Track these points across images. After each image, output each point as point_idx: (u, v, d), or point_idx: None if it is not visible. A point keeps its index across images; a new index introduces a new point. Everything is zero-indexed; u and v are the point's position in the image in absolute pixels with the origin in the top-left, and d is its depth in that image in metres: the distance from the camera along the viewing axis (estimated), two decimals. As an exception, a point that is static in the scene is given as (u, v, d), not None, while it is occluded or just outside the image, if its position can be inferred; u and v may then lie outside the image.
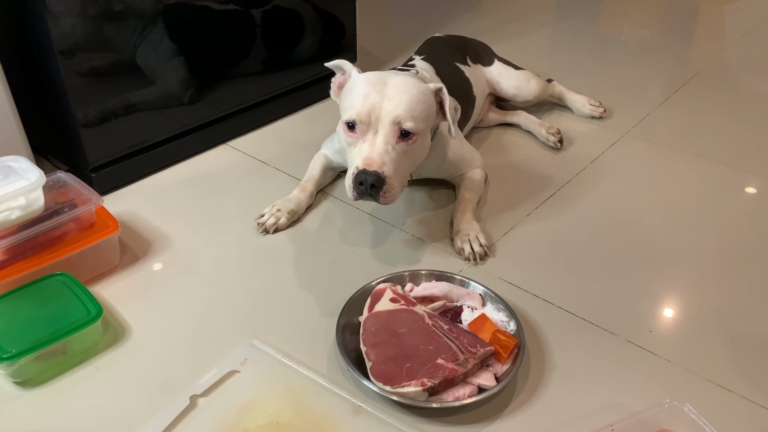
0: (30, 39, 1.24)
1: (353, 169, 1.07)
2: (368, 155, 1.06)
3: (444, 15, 2.41)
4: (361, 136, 1.08)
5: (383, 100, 1.07)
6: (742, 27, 2.37)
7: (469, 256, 1.18)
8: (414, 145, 1.09)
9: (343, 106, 1.12)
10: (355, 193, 1.07)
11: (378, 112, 1.07)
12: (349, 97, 1.11)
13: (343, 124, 1.10)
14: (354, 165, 1.07)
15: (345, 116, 1.09)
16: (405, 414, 0.90)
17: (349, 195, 1.08)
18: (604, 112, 1.68)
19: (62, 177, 1.18)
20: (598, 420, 0.88)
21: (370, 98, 1.07)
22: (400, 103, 1.07)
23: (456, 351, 0.92)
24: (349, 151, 1.11)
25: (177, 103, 1.45)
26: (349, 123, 1.08)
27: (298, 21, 1.65)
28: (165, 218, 1.29)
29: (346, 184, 1.09)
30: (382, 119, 1.07)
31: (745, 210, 1.36)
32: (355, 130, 1.08)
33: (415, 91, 1.09)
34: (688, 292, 1.14)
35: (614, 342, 1.03)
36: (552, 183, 1.42)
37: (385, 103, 1.07)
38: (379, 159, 1.05)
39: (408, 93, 1.08)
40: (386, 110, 1.07)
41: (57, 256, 1.06)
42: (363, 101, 1.07)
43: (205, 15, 1.44)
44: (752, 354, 1.01)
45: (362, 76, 1.12)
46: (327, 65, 1.20)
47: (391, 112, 1.06)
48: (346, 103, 1.11)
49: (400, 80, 1.10)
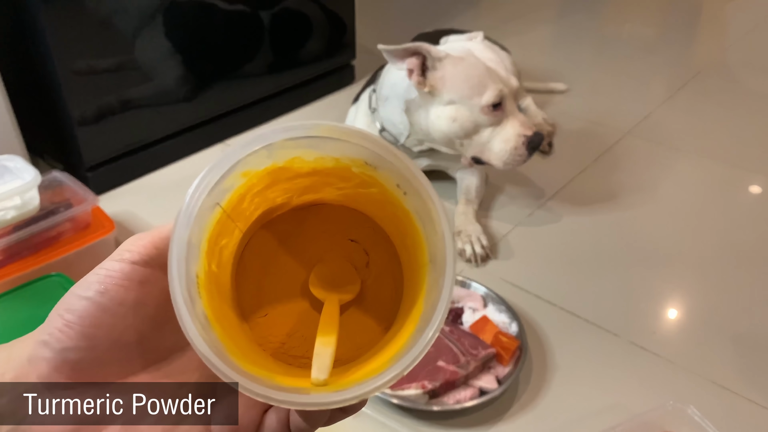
0: (25, 37, 1.23)
1: (519, 138, 1.11)
2: (523, 122, 1.13)
3: (444, 13, 2.40)
4: (505, 108, 1.11)
5: (496, 71, 1.11)
6: (745, 25, 2.35)
7: (470, 258, 1.16)
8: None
9: (462, 93, 1.10)
10: (528, 158, 1.13)
11: (506, 81, 1.11)
12: (468, 81, 1.10)
13: (485, 107, 1.10)
14: (515, 135, 1.11)
15: (489, 98, 1.09)
16: (405, 417, 0.89)
17: (517, 163, 1.13)
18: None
19: (58, 176, 1.17)
20: (601, 422, 0.87)
21: (493, 74, 1.10)
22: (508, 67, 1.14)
23: (457, 353, 0.90)
24: (488, 130, 1.12)
25: (174, 102, 1.44)
26: (496, 103, 1.10)
27: (297, 19, 1.64)
28: (162, 218, 1.28)
29: (510, 156, 1.12)
30: (510, 88, 1.12)
31: (748, 210, 1.35)
32: (500, 107, 1.11)
33: (491, 51, 1.15)
34: (692, 293, 1.13)
35: (617, 343, 1.02)
36: (553, 183, 1.41)
37: (499, 73, 1.11)
38: (527, 120, 1.16)
39: (496, 55, 1.14)
40: (505, 78, 1.11)
41: (52, 257, 1.05)
42: (493, 80, 1.10)
43: (205, 12, 1.43)
44: (756, 355, 1.00)
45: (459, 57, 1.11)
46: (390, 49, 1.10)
47: (511, 79, 1.12)
48: (474, 85, 1.09)
49: (477, 49, 1.13)
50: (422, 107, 1.14)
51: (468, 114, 1.11)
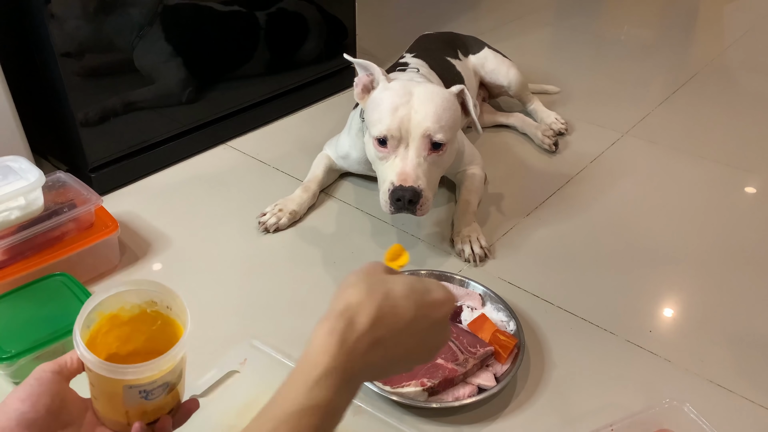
0: (30, 39, 1.24)
1: (388, 185, 1.07)
2: (402, 170, 1.06)
3: (443, 14, 2.41)
4: (393, 150, 1.08)
5: (411, 112, 1.06)
6: (742, 26, 2.37)
7: (469, 258, 1.18)
8: (444, 154, 1.10)
9: (371, 120, 1.10)
10: (392, 209, 1.07)
11: (407, 125, 1.06)
12: (377, 110, 1.09)
13: (373, 139, 1.09)
14: (388, 180, 1.07)
15: (375, 132, 1.08)
16: (405, 414, 0.90)
17: (385, 210, 1.08)
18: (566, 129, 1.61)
19: (61, 177, 1.18)
20: (598, 420, 0.88)
21: (398, 112, 1.06)
22: (428, 114, 1.06)
23: (456, 351, 0.92)
24: (380, 164, 1.10)
25: (176, 103, 1.45)
26: (380, 139, 1.07)
27: (298, 21, 1.65)
28: (164, 218, 1.29)
29: (381, 200, 1.08)
30: (413, 132, 1.06)
31: (745, 210, 1.36)
32: (386, 145, 1.08)
33: (440, 99, 1.08)
34: (688, 292, 1.14)
35: (614, 342, 1.03)
36: (551, 183, 1.42)
37: (414, 115, 1.06)
38: (413, 173, 1.05)
39: (434, 102, 1.07)
40: (415, 122, 1.06)
41: (56, 257, 1.06)
42: (392, 116, 1.06)
43: (205, 15, 1.44)
44: (752, 354, 1.01)
45: (388, 89, 1.10)
46: (351, 60, 1.16)
47: (420, 125, 1.06)
48: (373, 117, 1.09)
49: (423, 90, 1.09)
50: None
51: (368, 139, 1.12)
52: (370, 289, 0.55)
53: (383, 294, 0.55)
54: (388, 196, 1.06)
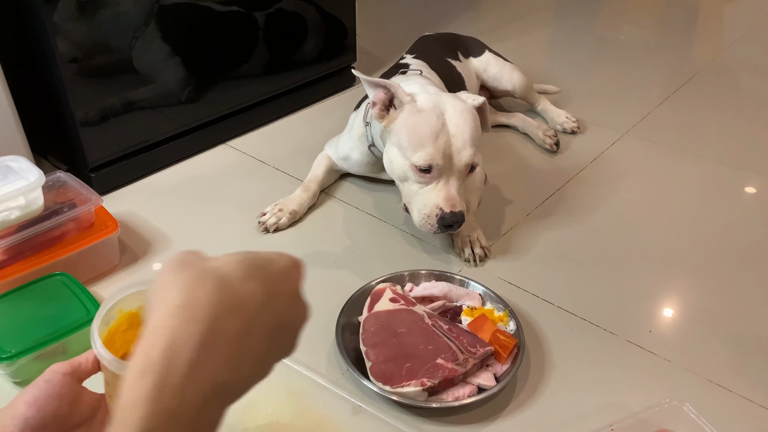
0: (30, 39, 1.24)
1: (434, 210, 1.07)
2: (448, 196, 1.08)
3: (443, 15, 2.41)
4: (436, 177, 1.08)
5: (449, 138, 1.07)
6: (742, 26, 2.37)
7: (469, 258, 1.18)
8: (477, 172, 1.13)
9: (404, 144, 1.08)
10: (439, 232, 1.09)
11: (449, 152, 1.07)
12: (413, 136, 1.07)
13: (412, 165, 1.08)
14: (433, 204, 1.08)
15: (418, 161, 1.06)
16: (405, 414, 0.90)
17: (425, 230, 1.10)
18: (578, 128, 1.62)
19: (61, 177, 1.18)
20: (598, 420, 0.88)
21: (439, 140, 1.06)
22: (466, 141, 1.07)
23: (456, 351, 0.91)
24: (417, 187, 1.10)
25: (176, 103, 1.45)
26: (423, 168, 1.07)
27: (298, 21, 1.65)
28: (164, 218, 1.29)
29: (419, 220, 1.09)
30: (456, 162, 1.08)
31: (745, 210, 1.36)
32: (428, 172, 1.08)
33: (470, 118, 1.09)
34: (688, 292, 1.14)
35: (614, 342, 1.03)
36: (551, 183, 1.42)
37: (453, 141, 1.07)
38: (459, 198, 1.08)
39: (467, 125, 1.08)
40: (456, 150, 1.07)
41: (56, 256, 1.06)
42: (434, 145, 1.06)
43: (205, 15, 1.44)
44: (752, 354, 1.01)
45: (420, 112, 1.08)
46: (364, 80, 1.11)
47: (462, 155, 1.07)
48: (410, 143, 1.07)
49: (453, 110, 1.09)
50: (384, 138, 1.17)
51: (402, 163, 1.11)
52: (193, 289, 0.43)
53: (214, 284, 0.44)
54: (436, 220, 1.08)
